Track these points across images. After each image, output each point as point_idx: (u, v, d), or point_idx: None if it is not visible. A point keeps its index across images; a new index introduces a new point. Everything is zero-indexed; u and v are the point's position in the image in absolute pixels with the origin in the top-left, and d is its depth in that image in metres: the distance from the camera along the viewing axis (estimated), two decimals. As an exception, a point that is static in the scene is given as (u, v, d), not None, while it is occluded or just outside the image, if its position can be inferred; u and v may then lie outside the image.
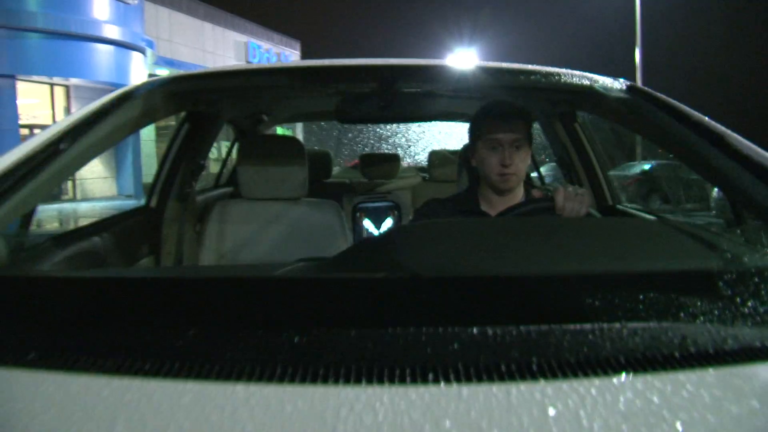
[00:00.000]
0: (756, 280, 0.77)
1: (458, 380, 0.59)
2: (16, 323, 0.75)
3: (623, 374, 0.60)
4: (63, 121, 1.24)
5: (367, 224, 1.97)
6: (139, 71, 19.34)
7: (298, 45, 35.44)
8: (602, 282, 0.77)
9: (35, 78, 17.48)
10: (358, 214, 1.98)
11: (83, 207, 17.04)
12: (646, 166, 19.32)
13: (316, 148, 4.34)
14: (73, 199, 19.64)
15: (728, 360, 0.63)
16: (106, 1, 17.75)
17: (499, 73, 1.61)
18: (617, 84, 1.54)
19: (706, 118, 1.30)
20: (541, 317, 0.69)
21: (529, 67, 1.57)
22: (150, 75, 21.33)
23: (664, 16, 51.23)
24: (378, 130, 4.52)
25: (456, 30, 64.76)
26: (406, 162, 4.30)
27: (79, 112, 1.28)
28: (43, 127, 18.94)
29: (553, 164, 2.92)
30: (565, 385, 0.58)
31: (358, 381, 0.59)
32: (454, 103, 2.83)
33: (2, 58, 15.72)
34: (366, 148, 4.33)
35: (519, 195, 1.89)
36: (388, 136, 4.02)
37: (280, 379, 0.60)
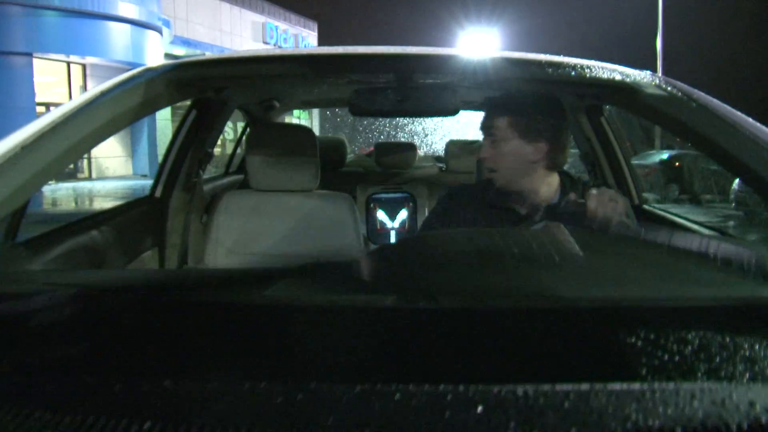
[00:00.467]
0: None
1: None
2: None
3: None
4: (66, 105, 1.19)
5: (381, 216, 1.96)
6: (155, 50, 19.29)
7: (315, 26, 35.23)
8: (648, 319, 0.65)
9: (52, 56, 17.48)
10: (372, 205, 1.97)
11: (98, 186, 17.09)
12: (665, 155, 19.07)
13: (330, 134, 4.16)
14: (89, 178, 19.72)
15: None
16: (123, -20, 17.71)
17: (523, 64, 1.49)
18: (650, 78, 1.43)
19: (746, 117, 1.22)
20: (576, 371, 0.58)
21: (556, 58, 1.45)
22: (166, 54, 21.30)
23: (686, 3, 50.47)
24: (394, 118, 4.31)
25: (475, 11, 64.16)
26: (422, 151, 4.09)
27: (84, 95, 1.23)
28: (59, 105, 18.88)
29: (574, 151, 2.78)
30: None
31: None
32: (474, 95, 2.64)
33: (19, 36, 15.73)
34: (381, 136, 4.11)
35: (542, 190, 1.74)
36: (405, 125, 3.81)
37: None
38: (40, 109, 17.35)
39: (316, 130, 28.15)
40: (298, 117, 33.62)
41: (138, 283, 0.92)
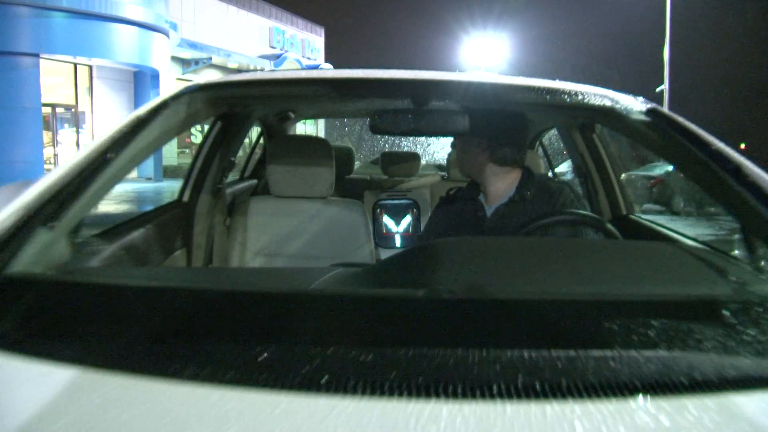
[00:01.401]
0: (759, 309, 0.84)
1: (499, 397, 0.67)
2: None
3: (637, 398, 0.67)
4: (112, 128, 1.33)
5: (387, 221, 2.14)
6: (162, 53, 19.34)
7: (322, 31, 35.30)
8: (618, 309, 0.86)
9: (59, 57, 17.53)
10: (378, 211, 2.15)
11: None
12: (670, 167, 19.03)
13: (337, 142, 4.47)
14: (93, 179, 19.76)
15: (729, 388, 0.70)
16: (131, -18, 17.77)
17: (525, 90, 1.71)
18: (638, 105, 1.57)
19: (725, 147, 1.35)
20: (566, 342, 0.78)
21: (554, 84, 1.66)
22: (172, 57, 21.35)
23: (694, 14, 50.48)
24: None
25: (481, 19, 64.29)
26: (425, 160, 4.40)
27: (127, 118, 1.37)
28: (65, 106, 19.15)
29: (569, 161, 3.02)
30: (590, 406, 0.66)
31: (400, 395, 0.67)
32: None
33: (26, 36, 15.78)
34: (386, 145, 4.45)
35: (498, 183, 2.04)
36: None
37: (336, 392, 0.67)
38: (45, 110, 17.39)
39: (321, 136, 28.36)
40: (303, 123, 33.65)
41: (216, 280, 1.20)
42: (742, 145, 62.94)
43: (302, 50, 32.01)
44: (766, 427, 0.65)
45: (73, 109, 19.40)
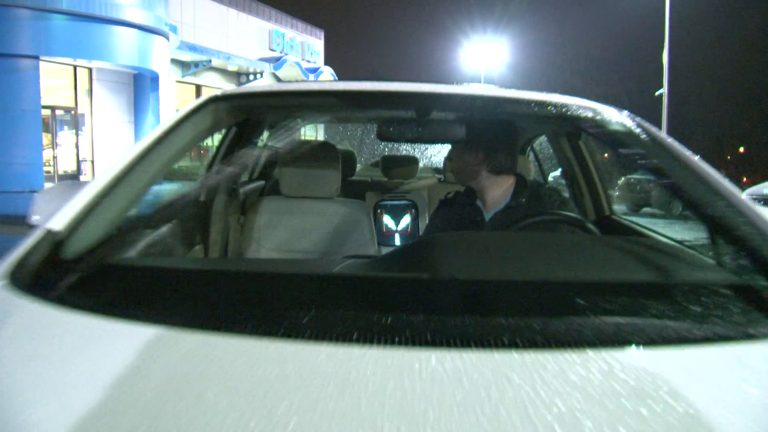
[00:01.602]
0: (699, 290, 1.08)
1: (484, 347, 0.88)
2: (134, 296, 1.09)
3: (592, 349, 0.89)
4: (151, 134, 1.58)
5: (387, 220, 2.39)
6: (161, 55, 19.35)
7: (321, 34, 35.34)
8: (583, 288, 1.09)
9: (59, 59, 17.53)
10: (379, 211, 2.40)
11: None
12: (670, 170, 19.07)
13: (340, 147, 4.59)
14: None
15: (667, 344, 0.91)
16: (131, -15, 17.78)
17: (516, 102, 1.89)
18: (617, 115, 1.76)
19: (691, 155, 1.59)
20: (540, 311, 1.01)
21: (542, 96, 1.81)
22: (172, 60, 21.36)
23: (694, 19, 50.52)
24: None
25: (481, 22, 64.38)
26: (422, 163, 4.63)
27: (161, 126, 1.61)
28: (65, 108, 19.15)
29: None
30: (557, 355, 0.87)
31: (411, 345, 0.88)
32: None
33: (26, 39, 15.78)
34: (386, 149, 4.70)
35: (493, 190, 2.23)
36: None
37: (366, 342, 0.89)
38: (45, 112, 17.38)
39: (321, 138, 28.37)
40: (303, 127, 33.65)
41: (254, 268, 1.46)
42: (741, 149, 63.02)
43: (302, 53, 32.04)
44: (689, 374, 0.87)
45: (72, 112, 19.40)
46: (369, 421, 0.72)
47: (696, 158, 1.60)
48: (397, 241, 2.58)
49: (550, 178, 3.75)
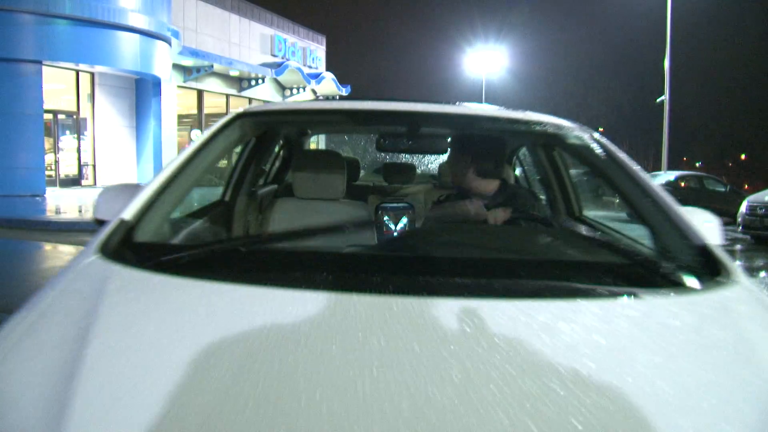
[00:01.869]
0: (625, 266, 1.54)
1: (441, 296, 1.29)
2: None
3: (543, 299, 1.31)
4: (189, 147, 2.00)
5: (387, 221, 2.55)
6: (163, 61, 19.39)
7: (323, 39, 35.40)
8: (521, 263, 1.55)
9: (61, 64, 17.59)
10: (379, 212, 2.55)
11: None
12: (672, 176, 19.03)
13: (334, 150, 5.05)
14: (93, 185, 19.76)
15: (601, 297, 1.33)
16: (133, -10, 17.82)
17: (496, 119, 2.38)
18: (578, 129, 2.21)
19: (627, 159, 2.02)
20: (487, 276, 1.43)
21: (518, 114, 2.29)
22: (174, 65, 21.40)
23: (695, 25, 50.56)
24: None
25: (482, 29, 64.42)
26: (420, 170, 5.21)
27: (198, 139, 2.06)
28: (67, 113, 19.21)
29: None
30: (515, 302, 1.28)
31: (395, 294, 1.27)
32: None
33: (30, 43, 15.84)
34: (387, 157, 5.15)
35: (478, 194, 2.60)
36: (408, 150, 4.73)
37: (358, 291, 1.29)
38: (47, 116, 17.41)
39: (323, 145, 28.64)
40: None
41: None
42: (743, 156, 62.97)
43: (303, 59, 32.10)
44: (622, 315, 1.27)
45: (74, 116, 19.44)
46: (374, 329, 1.17)
47: (631, 162, 2.02)
48: None
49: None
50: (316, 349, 1.10)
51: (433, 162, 5.39)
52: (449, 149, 3.09)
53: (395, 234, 2.45)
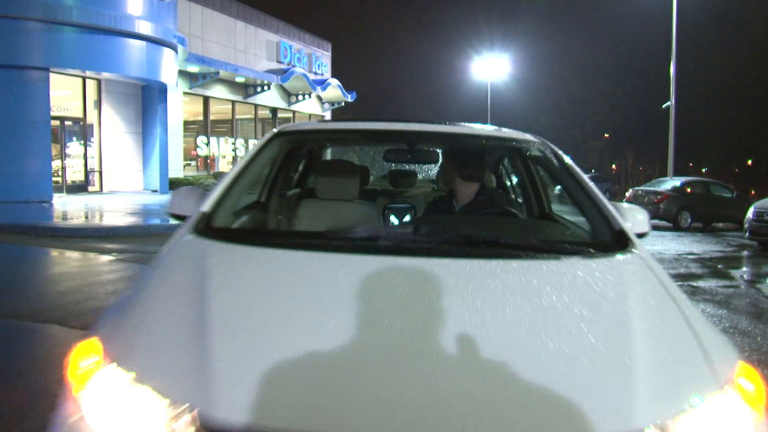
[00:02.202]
0: (549, 241, 2.35)
1: (436, 257, 2.02)
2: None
3: (513, 260, 2.02)
4: (239, 161, 2.74)
5: (393, 219, 3.10)
6: (170, 67, 19.48)
7: (329, 46, 35.50)
8: (496, 240, 2.26)
9: (68, 71, 17.69)
10: (386, 212, 3.14)
11: (108, 201, 17.15)
12: (678, 182, 18.98)
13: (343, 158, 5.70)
14: (100, 191, 19.83)
15: (552, 257, 2.06)
16: (140, -3, 17.91)
17: (474, 137, 3.29)
18: (538, 142, 3.01)
19: (576, 169, 2.76)
20: (469, 247, 2.17)
21: (496, 131, 3.22)
22: (180, 71, 21.48)
23: (701, 31, 50.50)
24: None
25: (490, 34, 64.44)
26: (420, 176, 6.02)
27: (247, 154, 2.81)
28: (74, 119, 19.29)
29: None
30: (492, 263, 2.00)
31: (401, 255, 2.00)
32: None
33: (37, 51, 15.93)
34: (393, 165, 5.84)
35: (463, 192, 3.31)
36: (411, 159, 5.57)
37: (374, 253, 2.01)
38: (54, 123, 17.49)
39: (329, 155, 29.34)
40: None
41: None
42: (749, 161, 62.73)
43: (309, 65, 32.19)
44: (570, 274, 1.95)
45: (81, 123, 19.54)
46: (401, 279, 1.86)
47: (577, 168, 2.77)
48: None
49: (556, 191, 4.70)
50: (371, 284, 1.83)
51: (432, 169, 6.08)
52: (441, 159, 3.96)
53: (409, 224, 3.04)
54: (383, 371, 1.47)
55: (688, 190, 18.44)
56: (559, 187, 3.22)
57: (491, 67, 45.83)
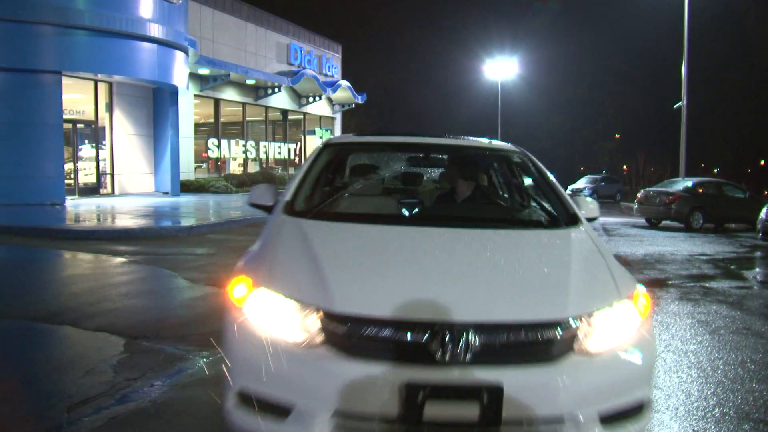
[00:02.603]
0: (523, 221, 3.72)
1: (446, 226, 3.28)
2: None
3: (492, 229, 3.35)
4: (300, 168, 4.00)
5: (404, 211, 3.61)
6: (181, 70, 19.56)
7: (339, 48, 35.56)
8: (481, 218, 3.73)
9: (80, 74, 17.79)
10: (400, 203, 3.73)
11: (120, 202, 17.24)
12: (690, 182, 18.86)
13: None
14: (112, 194, 19.93)
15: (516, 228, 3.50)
16: (151, 0, 17.99)
17: (471, 147, 4.43)
18: (516, 150, 4.28)
19: (544, 170, 4.03)
20: (462, 221, 3.54)
21: (487, 143, 4.49)
22: (191, 74, 21.56)
23: (713, 31, 50.19)
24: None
25: (500, 36, 64.25)
26: (426, 176, 7.04)
27: (306, 162, 4.08)
28: (86, 122, 19.41)
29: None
30: (477, 230, 3.28)
31: (426, 225, 3.28)
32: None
33: (50, 54, 16.04)
34: (402, 167, 6.66)
35: (463, 188, 4.17)
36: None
37: (412, 224, 3.35)
38: (66, 125, 17.60)
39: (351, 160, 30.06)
40: (320, 137, 33.90)
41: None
42: (762, 162, 62.28)
43: (319, 67, 32.25)
44: (532, 242, 3.21)
45: (93, 125, 19.66)
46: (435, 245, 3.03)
47: (545, 170, 4.00)
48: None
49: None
50: (410, 238, 3.03)
51: (434, 172, 7.30)
52: (447, 164, 4.90)
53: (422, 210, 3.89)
54: (431, 274, 2.67)
55: (700, 190, 18.32)
56: (530, 180, 4.25)
57: (502, 68, 45.75)
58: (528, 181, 4.62)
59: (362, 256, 2.84)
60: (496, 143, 4.52)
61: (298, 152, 32.12)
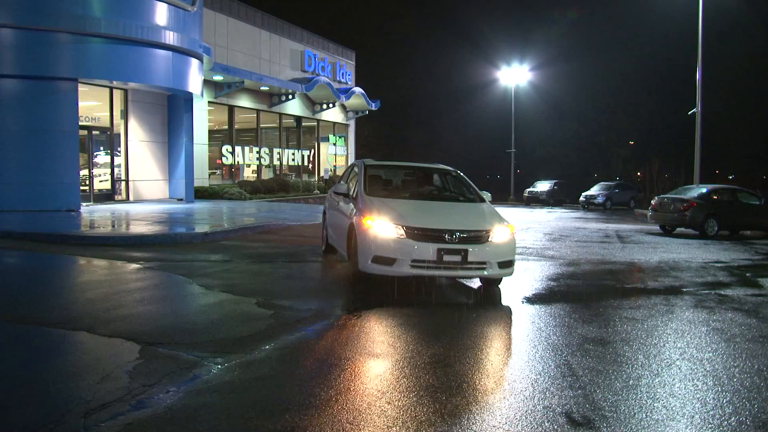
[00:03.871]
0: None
1: (439, 200, 9.26)
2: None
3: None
4: (359, 174, 9.44)
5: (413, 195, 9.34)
6: (195, 77, 19.69)
7: (353, 54, 35.65)
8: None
9: (96, 81, 17.95)
10: (410, 192, 9.30)
11: (134, 209, 17.34)
12: (704, 189, 18.73)
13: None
14: (126, 200, 20.06)
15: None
16: (166, 8, 18.13)
17: (436, 169, 10.32)
18: (455, 171, 10.13)
19: (468, 181, 9.87)
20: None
21: (441, 166, 10.35)
22: (205, 81, 21.66)
23: (727, 37, 49.92)
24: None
25: (514, 43, 64.11)
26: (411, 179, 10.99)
27: (360, 174, 9.32)
28: (101, 129, 19.57)
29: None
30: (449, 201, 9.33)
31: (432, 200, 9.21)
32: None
33: (66, 62, 16.20)
34: (402, 176, 11.01)
35: (432, 189, 10.02)
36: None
37: (421, 199, 9.05)
38: (81, 132, 17.74)
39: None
40: (333, 143, 34.02)
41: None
42: (778, 169, 61.73)
43: (333, 74, 32.35)
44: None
45: (108, 132, 19.81)
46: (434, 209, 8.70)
47: (469, 181, 9.77)
48: None
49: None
50: (421, 203, 8.69)
51: (415, 178, 11.01)
52: (421, 175, 10.16)
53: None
54: (433, 211, 8.24)
55: (715, 197, 18.18)
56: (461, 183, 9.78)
57: (516, 74, 45.72)
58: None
59: (409, 208, 8.03)
60: (443, 166, 10.21)
61: (311, 159, 32.19)
